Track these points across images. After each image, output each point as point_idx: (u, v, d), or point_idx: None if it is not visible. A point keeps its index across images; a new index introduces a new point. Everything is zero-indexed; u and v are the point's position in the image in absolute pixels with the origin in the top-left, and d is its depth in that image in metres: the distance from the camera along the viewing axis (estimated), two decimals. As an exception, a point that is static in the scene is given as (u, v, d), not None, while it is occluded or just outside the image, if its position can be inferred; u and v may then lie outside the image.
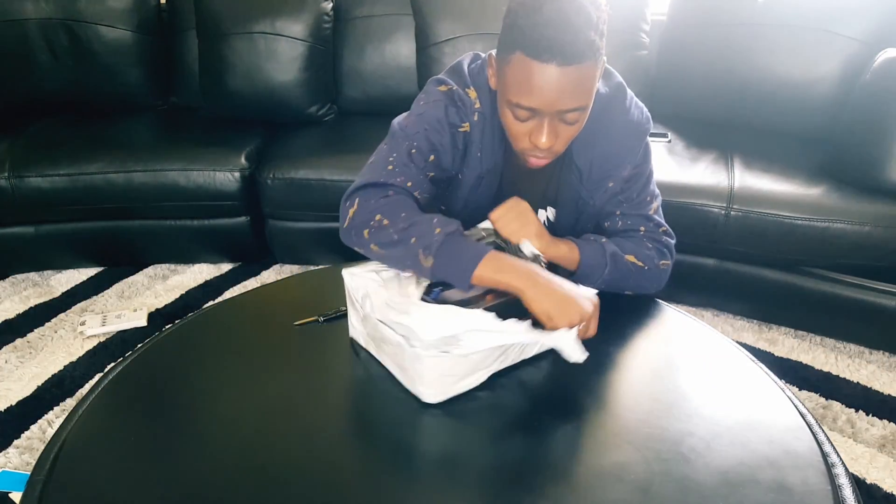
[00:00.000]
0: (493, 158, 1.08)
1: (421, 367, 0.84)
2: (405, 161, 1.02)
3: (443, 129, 1.04)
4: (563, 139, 0.96)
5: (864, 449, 1.54)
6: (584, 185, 1.10)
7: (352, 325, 1.00)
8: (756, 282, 1.87)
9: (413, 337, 0.84)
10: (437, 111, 1.04)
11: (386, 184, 0.99)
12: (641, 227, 1.14)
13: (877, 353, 1.86)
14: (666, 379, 0.94)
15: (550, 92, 0.88)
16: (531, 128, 0.94)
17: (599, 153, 1.08)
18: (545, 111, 0.91)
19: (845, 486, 0.77)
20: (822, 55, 2.02)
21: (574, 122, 0.94)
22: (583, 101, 0.91)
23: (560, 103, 0.90)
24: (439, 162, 1.05)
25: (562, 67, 0.86)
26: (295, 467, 0.80)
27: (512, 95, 0.92)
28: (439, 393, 0.87)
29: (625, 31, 2.27)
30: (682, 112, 2.27)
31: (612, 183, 1.11)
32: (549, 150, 0.96)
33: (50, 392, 1.76)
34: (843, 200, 1.74)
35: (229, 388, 0.94)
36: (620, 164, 1.09)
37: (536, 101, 0.90)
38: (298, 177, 2.09)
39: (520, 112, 0.93)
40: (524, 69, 0.88)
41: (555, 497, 0.75)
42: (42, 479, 0.79)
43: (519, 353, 0.94)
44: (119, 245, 2.28)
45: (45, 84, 2.45)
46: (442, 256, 0.90)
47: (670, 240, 1.15)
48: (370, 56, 2.43)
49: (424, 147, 1.03)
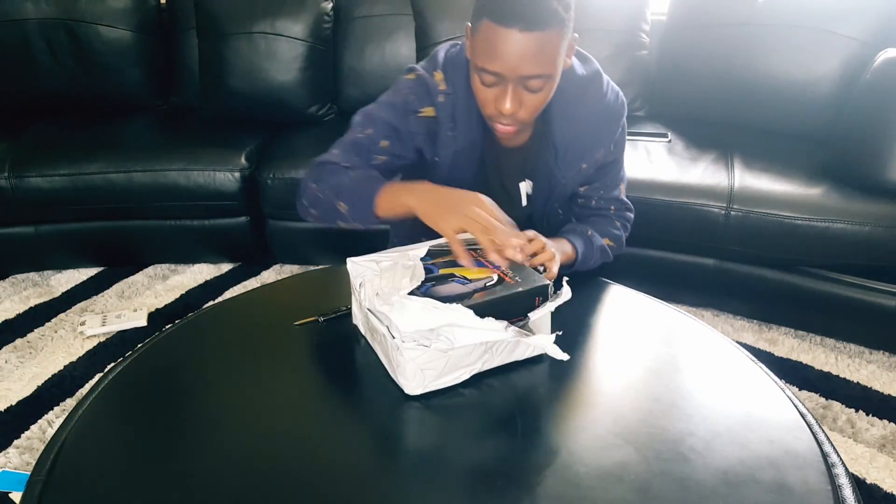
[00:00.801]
0: (469, 136, 1.11)
1: (401, 358, 0.86)
2: (350, 147, 1.11)
3: (399, 115, 1.10)
4: (528, 108, 0.99)
5: (864, 449, 1.54)
6: (559, 164, 1.15)
7: (354, 312, 1.03)
8: (756, 282, 1.87)
9: (393, 328, 0.86)
10: (396, 97, 1.12)
11: (327, 162, 1.10)
12: (612, 206, 1.25)
13: (877, 353, 1.86)
14: (666, 379, 0.94)
15: (513, 56, 0.92)
16: (497, 94, 0.98)
17: (576, 135, 1.13)
18: (508, 76, 0.95)
19: (845, 486, 0.77)
20: (822, 55, 2.02)
21: (537, 91, 0.97)
22: (545, 69, 0.95)
23: (522, 69, 0.93)
24: (393, 148, 1.11)
25: (524, 33, 0.90)
26: (295, 467, 0.80)
27: (479, 60, 0.96)
28: (418, 386, 0.87)
29: (625, 31, 2.27)
30: (682, 112, 2.27)
31: (586, 165, 1.16)
32: (513, 118, 1.00)
33: (50, 392, 1.76)
34: (843, 200, 1.74)
35: (229, 388, 0.94)
36: (595, 147, 1.15)
37: (499, 66, 0.94)
38: (298, 177, 2.08)
39: (486, 77, 0.97)
40: (489, 34, 0.92)
41: (555, 497, 0.75)
42: (42, 479, 0.79)
43: (508, 354, 0.93)
44: (119, 245, 2.28)
45: (45, 84, 2.45)
46: (350, 198, 1.03)
47: (630, 214, 1.28)
48: (370, 56, 2.43)
49: (377, 133, 1.10)
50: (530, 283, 0.93)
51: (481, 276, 0.94)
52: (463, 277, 0.93)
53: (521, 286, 0.92)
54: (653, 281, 1.94)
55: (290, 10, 2.28)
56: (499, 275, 0.94)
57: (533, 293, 0.92)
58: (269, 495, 0.76)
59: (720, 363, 0.99)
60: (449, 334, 0.84)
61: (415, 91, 1.10)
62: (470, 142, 1.12)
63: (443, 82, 1.09)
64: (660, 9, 2.37)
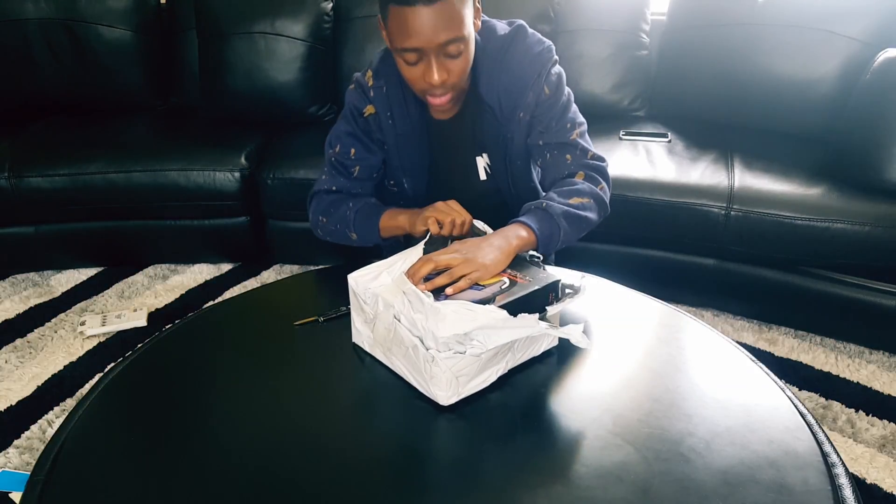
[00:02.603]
0: (407, 122, 1.20)
1: (436, 368, 0.84)
2: (331, 169, 1.25)
3: (350, 122, 1.22)
4: (455, 73, 1.06)
5: (864, 449, 1.54)
6: (500, 121, 1.19)
7: (356, 329, 1.00)
8: (756, 282, 1.87)
9: (428, 337, 0.84)
10: (346, 108, 1.23)
11: (320, 191, 1.26)
12: (567, 155, 1.17)
13: (877, 353, 1.86)
14: (666, 379, 0.94)
15: (426, 29, 0.98)
16: (422, 69, 1.04)
17: (503, 87, 1.16)
18: (428, 48, 1.01)
19: (845, 486, 0.77)
20: (822, 55, 2.01)
21: (458, 55, 1.04)
22: (458, 32, 1.01)
23: (437, 37, 0.99)
24: (360, 154, 1.23)
25: (429, 6, 0.97)
26: (295, 467, 0.80)
27: (397, 43, 1.02)
28: (453, 394, 0.87)
29: (625, 31, 2.27)
30: (682, 112, 2.26)
31: (522, 113, 1.17)
32: (445, 85, 1.06)
33: (50, 392, 1.76)
34: (843, 200, 1.74)
35: (229, 388, 0.94)
36: (523, 91, 1.16)
37: (416, 41, 1.00)
38: (298, 177, 2.09)
39: (408, 56, 1.03)
40: (399, 17, 0.99)
41: (555, 497, 0.75)
42: (42, 479, 0.80)
43: (525, 352, 0.94)
44: (119, 245, 2.28)
45: (45, 84, 2.45)
46: (358, 228, 1.20)
47: (600, 163, 1.19)
48: (370, 56, 2.41)
49: (343, 147, 1.23)
50: (543, 280, 0.94)
51: (494, 282, 0.94)
52: (476, 284, 0.94)
53: (535, 284, 0.93)
54: (653, 281, 1.94)
55: (290, 10, 2.28)
56: (509, 278, 0.95)
57: (547, 290, 0.94)
58: (269, 495, 0.76)
59: (720, 363, 0.99)
60: (481, 337, 0.84)
61: (356, 96, 1.21)
62: (410, 126, 1.20)
63: (371, 79, 1.19)
64: (660, 9, 2.37)
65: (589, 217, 1.11)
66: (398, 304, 0.88)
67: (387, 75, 1.18)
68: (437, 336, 0.82)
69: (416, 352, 0.86)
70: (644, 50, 2.31)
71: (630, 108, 2.32)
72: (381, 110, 1.19)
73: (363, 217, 1.20)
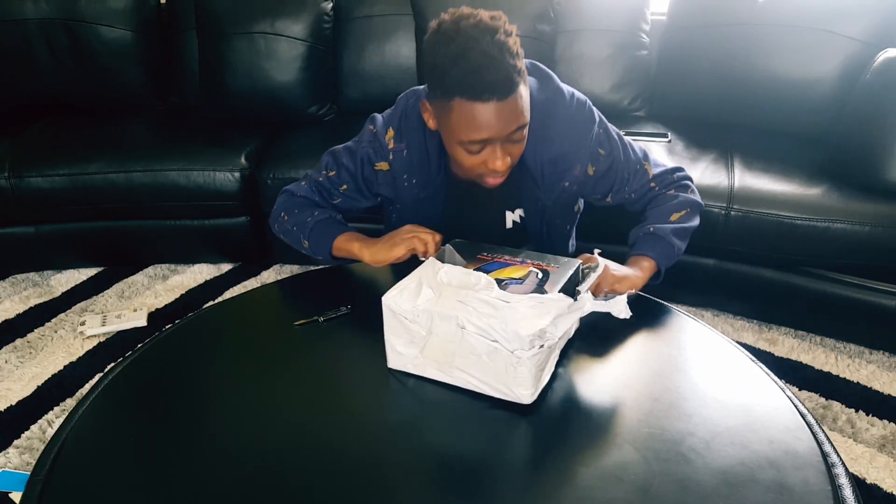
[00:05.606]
0: (431, 186, 1.19)
1: (521, 368, 0.84)
2: (315, 185, 1.25)
3: (358, 165, 1.21)
4: (516, 155, 1.06)
5: (864, 449, 1.54)
6: (541, 188, 1.18)
7: (395, 353, 0.93)
8: (756, 282, 1.87)
9: (511, 338, 0.83)
10: (358, 148, 1.21)
11: (296, 193, 1.26)
12: (652, 184, 1.24)
13: (877, 353, 1.86)
14: (666, 379, 0.94)
15: (497, 123, 0.98)
16: (485, 156, 1.03)
17: (548, 158, 1.15)
18: (496, 139, 1.00)
19: (845, 486, 0.77)
20: (822, 55, 2.01)
21: (521, 140, 1.04)
22: (524, 120, 1.01)
23: (507, 129, 0.99)
24: (350, 192, 1.24)
25: (502, 101, 0.96)
26: (295, 467, 0.80)
27: (462, 135, 1.00)
28: (536, 391, 0.87)
29: (625, 31, 2.27)
30: (682, 112, 2.26)
31: (567, 183, 1.18)
32: (507, 170, 1.05)
33: (50, 392, 1.76)
34: (843, 200, 1.74)
35: (229, 389, 0.94)
36: (570, 166, 1.16)
37: (486, 134, 0.99)
38: (298, 177, 2.06)
39: (472, 147, 1.01)
40: (468, 111, 0.97)
41: (555, 497, 0.75)
42: (42, 479, 0.80)
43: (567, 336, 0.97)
44: (119, 245, 2.28)
45: (45, 84, 2.45)
46: (312, 238, 1.21)
47: (680, 173, 1.26)
48: (370, 56, 2.43)
49: (338, 177, 1.23)
50: (569, 263, 0.99)
51: (524, 273, 0.96)
52: (510, 279, 0.95)
53: (568, 267, 0.97)
54: (653, 281, 1.94)
55: (290, 10, 2.28)
56: (536, 267, 0.97)
57: (578, 270, 0.98)
58: (268, 495, 0.76)
59: (720, 363, 0.99)
60: (550, 327, 0.85)
61: (372, 145, 1.19)
62: (433, 192, 1.20)
63: (392, 140, 1.17)
64: (660, 9, 2.37)
65: (692, 226, 1.22)
66: (462, 314, 0.86)
67: (409, 138, 1.16)
68: (522, 335, 0.82)
69: (495, 356, 0.84)
70: (644, 50, 2.31)
71: (630, 108, 2.32)
72: (398, 173, 1.18)
73: (321, 229, 1.20)
